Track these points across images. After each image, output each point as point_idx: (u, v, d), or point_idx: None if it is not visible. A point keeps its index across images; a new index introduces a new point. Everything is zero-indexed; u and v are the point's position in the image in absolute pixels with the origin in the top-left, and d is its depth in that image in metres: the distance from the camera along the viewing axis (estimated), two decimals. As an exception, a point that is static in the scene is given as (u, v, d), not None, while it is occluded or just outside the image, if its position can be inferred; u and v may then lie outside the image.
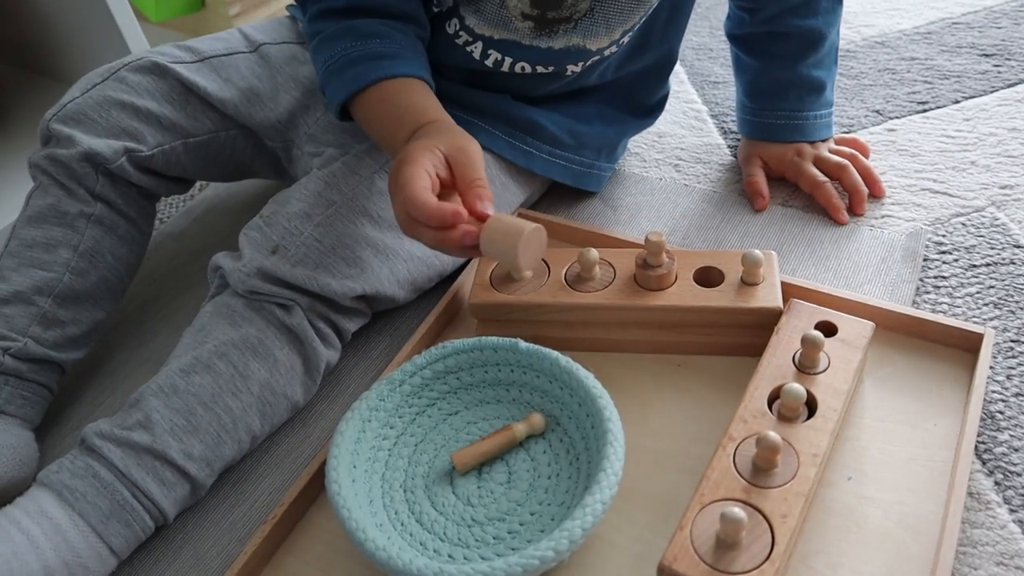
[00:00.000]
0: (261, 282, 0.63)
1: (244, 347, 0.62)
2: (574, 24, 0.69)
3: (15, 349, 0.66)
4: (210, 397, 0.60)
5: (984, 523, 0.55)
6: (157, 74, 0.74)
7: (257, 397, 0.62)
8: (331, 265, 0.64)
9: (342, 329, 0.67)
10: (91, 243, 0.70)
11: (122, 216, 0.73)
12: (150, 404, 0.59)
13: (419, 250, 0.69)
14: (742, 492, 0.51)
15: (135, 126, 0.72)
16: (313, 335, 0.64)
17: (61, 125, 0.71)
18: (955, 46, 0.98)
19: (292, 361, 0.64)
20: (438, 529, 0.57)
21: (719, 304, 0.62)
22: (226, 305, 0.64)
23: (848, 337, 0.60)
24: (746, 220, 0.79)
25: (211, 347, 0.61)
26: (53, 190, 0.70)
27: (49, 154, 0.70)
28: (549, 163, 0.78)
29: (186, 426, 0.59)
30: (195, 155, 0.76)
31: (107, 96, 0.72)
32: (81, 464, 0.57)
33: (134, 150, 0.71)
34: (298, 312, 0.63)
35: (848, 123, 0.89)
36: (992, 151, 0.83)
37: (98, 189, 0.71)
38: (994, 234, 0.74)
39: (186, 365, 0.61)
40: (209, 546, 0.61)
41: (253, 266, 0.63)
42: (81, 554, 0.55)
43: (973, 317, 0.68)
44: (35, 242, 0.69)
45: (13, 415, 0.66)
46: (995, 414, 0.61)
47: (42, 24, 1.06)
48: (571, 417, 0.61)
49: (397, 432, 0.62)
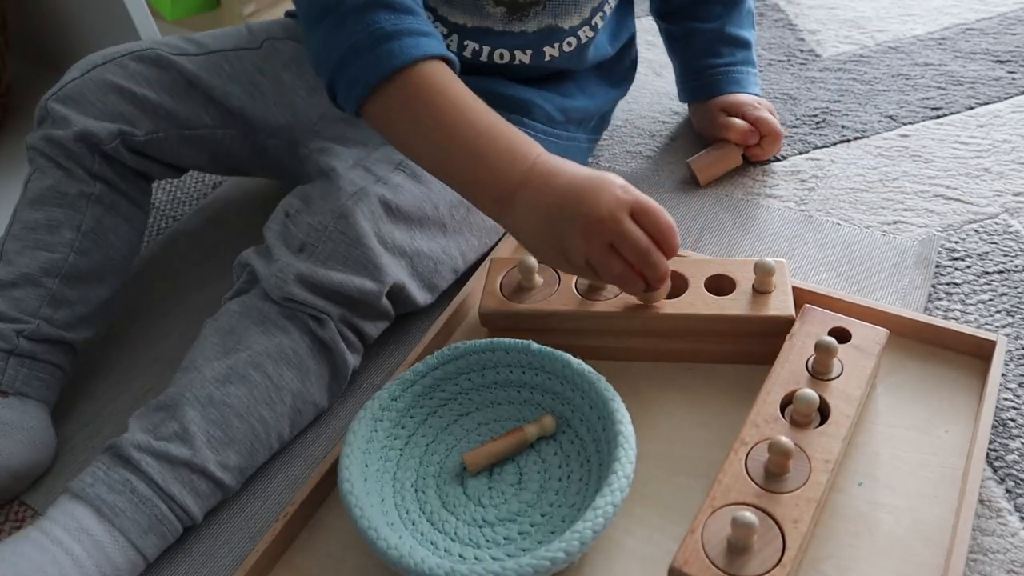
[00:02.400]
0: (299, 290, 0.62)
1: (279, 358, 0.62)
2: (543, 5, 0.72)
3: (28, 331, 0.67)
4: (245, 409, 0.61)
5: (995, 531, 0.55)
6: (159, 65, 0.74)
7: (290, 407, 0.63)
8: (359, 259, 0.64)
9: (366, 335, 0.68)
10: (93, 222, 0.71)
11: (121, 195, 0.73)
12: (187, 416, 0.59)
13: (426, 244, 0.69)
14: (754, 497, 0.51)
15: (131, 111, 0.72)
16: (343, 346, 0.65)
17: (59, 105, 0.71)
18: (969, 52, 0.98)
19: (321, 370, 0.65)
20: (449, 529, 0.57)
21: (731, 312, 0.62)
22: (257, 310, 0.64)
23: (861, 343, 0.60)
24: (758, 224, 0.79)
25: (246, 356, 0.62)
26: (52, 171, 0.71)
27: (45, 135, 0.71)
28: (544, 141, 0.77)
29: (223, 438, 0.60)
30: (190, 146, 0.76)
31: (106, 79, 0.72)
32: (118, 478, 0.57)
33: (128, 133, 0.72)
34: (330, 324, 0.64)
35: (861, 128, 0.89)
36: (1006, 158, 0.83)
37: (96, 169, 0.71)
38: (1007, 241, 0.74)
39: (221, 375, 0.61)
40: (221, 543, 0.61)
41: (290, 272, 0.62)
42: (120, 567, 0.56)
43: (985, 324, 0.68)
44: (38, 224, 0.70)
45: (31, 396, 0.67)
46: (1007, 421, 0.61)
47: (57, 20, 1.06)
48: (582, 419, 0.61)
49: (408, 432, 0.62)
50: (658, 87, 1.00)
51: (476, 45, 0.74)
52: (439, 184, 0.66)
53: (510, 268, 0.69)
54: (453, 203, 0.70)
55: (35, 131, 0.72)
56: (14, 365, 0.66)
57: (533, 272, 0.66)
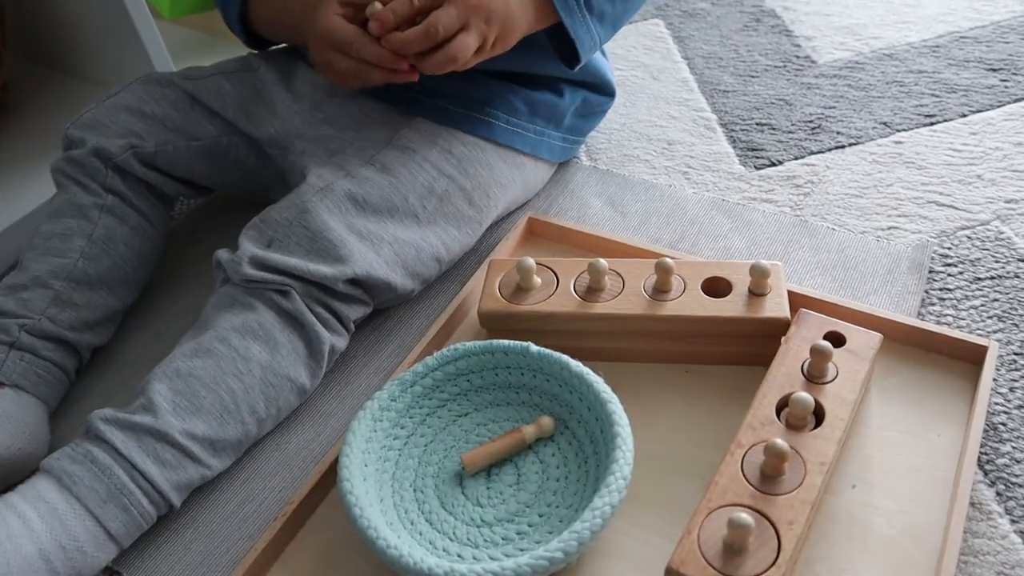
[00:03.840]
0: (255, 270, 0.65)
1: (244, 331, 0.64)
2: None
3: (29, 325, 0.69)
4: (212, 379, 0.62)
5: (986, 533, 0.56)
6: (165, 85, 0.80)
7: (259, 379, 0.63)
8: (321, 250, 0.66)
9: (341, 315, 0.68)
10: (103, 231, 0.74)
11: (132, 208, 0.77)
12: (153, 388, 0.61)
13: (402, 232, 0.70)
14: (750, 498, 0.52)
15: (140, 126, 0.77)
16: (312, 319, 0.66)
17: (77, 130, 0.77)
18: (963, 60, 0.99)
19: (294, 344, 0.65)
20: (447, 529, 0.58)
21: (727, 314, 0.63)
22: (227, 295, 0.66)
23: (856, 348, 0.60)
24: (754, 228, 0.80)
25: (212, 332, 0.63)
26: (70, 187, 0.76)
27: (66, 156, 0.76)
28: (508, 132, 0.79)
29: (188, 407, 0.61)
30: (199, 158, 0.80)
31: (117, 103, 0.78)
32: (82, 450, 0.58)
33: (138, 146, 0.76)
34: (295, 296, 0.65)
35: (856, 134, 0.90)
36: (998, 165, 0.84)
37: (108, 182, 0.75)
38: (999, 248, 0.75)
39: (189, 350, 0.63)
40: (219, 542, 0.61)
41: (247, 256, 0.65)
42: (78, 538, 0.56)
43: (977, 330, 0.69)
44: (53, 234, 0.74)
45: (28, 391, 0.68)
46: (998, 426, 0.62)
47: (56, 19, 1.06)
48: (580, 421, 0.62)
49: (407, 432, 0.63)
50: (655, 91, 1.01)
51: None
52: (408, 175, 0.71)
53: (509, 269, 0.69)
54: (422, 194, 0.72)
55: (59, 157, 0.77)
56: (13, 358, 0.68)
57: (532, 273, 0.67)
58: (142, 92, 0.79)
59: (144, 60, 1.01)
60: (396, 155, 0.72)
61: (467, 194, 0.75)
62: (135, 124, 0.77)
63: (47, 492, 0.57)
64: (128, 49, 1.01)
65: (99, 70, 1.08)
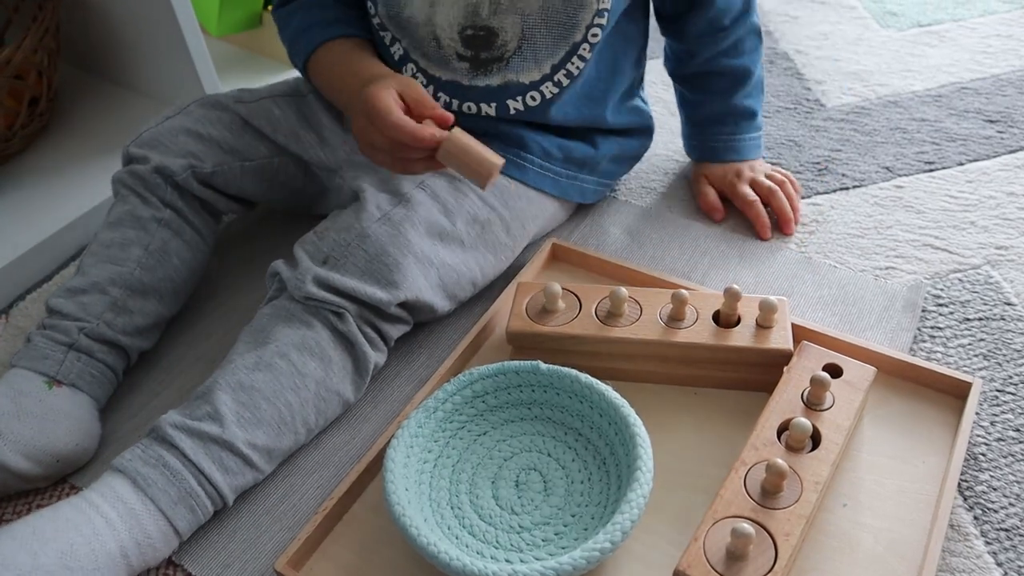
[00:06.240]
0: (317, 289, 0.69)
1: (302, 348, 0.68)
2: (506, 62, 0.78)
3: (88, 329, 0.73)
4: (272, 392, 0.66)
5: (962, 552, 0.61)
6: (220, 108, 0.84)
7: (314, 394, 0.69)
8: (376, 272, 0.71)
9: (386, 335, 0.74)
10: (159, 243, 0.78)
11: (187, 223, 0.81)
12: (219, 398, 0.65)
13: (449, 257, 0.75)
14: (751, 511, 0.58)
15: (199, 148, 0.81)
16: (362, 339, 0.71)
17: (138, 148, 0.81)
18: (963, 110, 1.04)
19: (344, 361, 0.70)
20: (490, 538, 0.62)
21: (736, 344, 0.69)
22: (285, 309, 0.70)
23: (852, 379, 0.66)
24: (760, 262, 0.85)
25: (273, 347, 0.68)
26: (131, 199, 0.79)
27: (129, 170, 0.80)
28: (540, 176, 0.84)
29: (251, 418, 0.65)
30: (251, 177, 0.84)
31: (176, 125, 0.82)
32: (153, 453, 0.63)
33: (197, 166, 0.80)
34: (348, 319, 0.70)
35: (860, 177, 0.95)
36: (991, 213, 0.89)
37: (168, 197, 0.80)
38: (987, 291, 0.81)
39: (251, 363, 0.67)
40: (261, 532, 0.66)
41: (309, 274, 0.70)
42: (151, 535, 0.61)
43: (964, 366, 0.74)
44: (112, 242, 0.78)
45: (82, 390, 0.73)
46: (978, 456, 0.67)
47: (109, 31, 1.09)
48: (592, 427, 0.67)
49: (435, 455, 0.68)
50: (673, 126, 1.05)
51: (447, 97, 0.81)
52: (454, 203, 0.76)
53: (535, 292, 0.75)
54: (468, 220, 0.77)
55: (121, 169, 0.81)
56: (71, 359, 0.72)
57: (557, 297, 0.73)
58: (200, 115, 0.82)
59: (191, 75, 1.04)
60: (443, 183, 0.77)
61: (506, 223, 0.80)
62: (193, 145, 0.81)
63: (123, 492, 0.61)
64: (177, 63, 1.04)
65: (148, 82, 1.11)
